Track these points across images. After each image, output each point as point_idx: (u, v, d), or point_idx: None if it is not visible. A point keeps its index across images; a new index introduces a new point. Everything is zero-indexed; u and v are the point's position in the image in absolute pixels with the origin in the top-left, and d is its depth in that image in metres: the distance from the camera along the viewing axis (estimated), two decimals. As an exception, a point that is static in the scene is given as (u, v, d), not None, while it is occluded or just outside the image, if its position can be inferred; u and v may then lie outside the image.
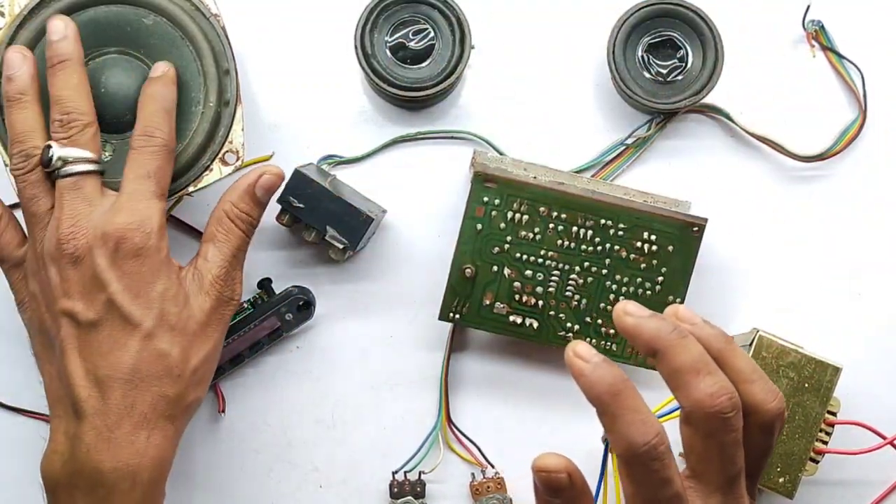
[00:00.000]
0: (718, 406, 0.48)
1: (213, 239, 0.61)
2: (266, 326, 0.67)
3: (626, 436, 0.47)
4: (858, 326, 0.70)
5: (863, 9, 0.71)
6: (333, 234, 0.65)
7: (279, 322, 0.67)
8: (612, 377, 0.48)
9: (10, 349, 0.69)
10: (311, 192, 0.65)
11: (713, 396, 0.48)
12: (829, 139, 0.70)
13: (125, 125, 0.64)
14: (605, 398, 0.47)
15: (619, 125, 0.71)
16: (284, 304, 0.67)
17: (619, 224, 0.65)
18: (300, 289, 0.68)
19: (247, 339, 0.67)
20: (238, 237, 0.62)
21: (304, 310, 0.68)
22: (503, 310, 0.66)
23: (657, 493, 0.47)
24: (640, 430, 0.47)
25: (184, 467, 0.69)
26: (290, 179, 0.65)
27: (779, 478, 0.63)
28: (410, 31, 0.68)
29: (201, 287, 0.60)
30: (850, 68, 0.70)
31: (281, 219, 0.66)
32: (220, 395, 0.69)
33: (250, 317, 0.67)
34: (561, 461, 0.49)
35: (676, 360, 0.49)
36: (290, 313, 0.68)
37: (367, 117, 0.71)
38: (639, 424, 0.47)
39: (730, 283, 0.70)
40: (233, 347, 0.67)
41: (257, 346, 0.68)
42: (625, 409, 0.47)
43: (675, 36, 0.68)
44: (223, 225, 0.61)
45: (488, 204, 0.65)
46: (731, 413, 0.48)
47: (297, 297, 0.67)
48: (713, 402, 0.48)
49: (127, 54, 0.64)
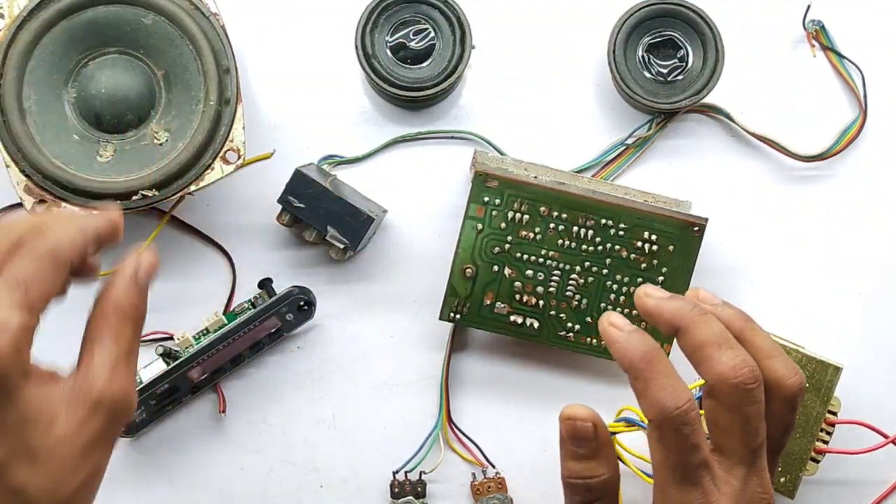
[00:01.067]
0: (741, 377, 0.49)
1: (97, 340, 0.50)
2: (266, 327, 0.67)
3: (659, 400, 0.49)
4: (858, 326, 0.70)
5: (863, 9, 0.71)
6: (334, 234, 0.65)
7: (280, 322, 0.67)
8: (645, 345, 0.50)
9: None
10: (312, 192, 0.65)
11: (735, 368, 0.49)
12: (829, 139, 0.70)
13: (125, 125, 0.64)
14: (638, 364, 0.49)
15: (619, 125, 0.71)
16: (285, 305, 0.67)
17: (620, 224, 0.65)
18: (301, 289, 0.67)
19: (247, 339, 0.67)
20: (130, 335, 0.50)
21: (304, 310, 0.67)
22: (504, 310, 0.66)
23: (687, 457, 0.49)
24: (672, 394, 0.49)
25: (184, 467, 0.68)
26: (291, 179, 0.65)
27: (780, 477, 0.63)
28: (411, 31, 0.68)
29: (85, 400, 0.48)
30: (851, 68, 0.70)
31: (281, 219, 0.66)
32: (221, 396, 0.69)
33: (251, 317, 0.66)
34: (588, 411, 0.51)
35: (698, 336, 0.50)
36: (291, 313, 0.67)
37: (367, 117, 0.71)
38: (671, 389, 0.49)
39: (730, 283, 0.70)
40: (233, 348, 0.67)
41: (258, 346, 0.68)
42: (657, 374, 0.49)
43: (675, 36, 0.68)
44: (109, 322, 0.50)
45: (489, 204, 0.65)
46: (754, 385, 0.49)
47: (297, 297, 0.67)
48: (736, 374, 0.49)
49: (127, 54, 0.64)
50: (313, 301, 0.68)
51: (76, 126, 0.64)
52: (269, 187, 0.69)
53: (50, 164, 0.62)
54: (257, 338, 0.67)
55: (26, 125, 0.62)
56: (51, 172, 0.62)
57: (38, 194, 0.62)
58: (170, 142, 0.63)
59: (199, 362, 0.66)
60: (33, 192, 0.62)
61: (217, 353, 0.66)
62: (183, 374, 0.66)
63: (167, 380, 0.65)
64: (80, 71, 0.64)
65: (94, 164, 0.63)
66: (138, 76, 0.64)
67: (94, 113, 0.64)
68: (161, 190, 0.63)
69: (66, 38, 0.63)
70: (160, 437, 0.69)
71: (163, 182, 0.62)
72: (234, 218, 0.70)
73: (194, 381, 0.67)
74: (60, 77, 0.63)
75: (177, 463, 0.68)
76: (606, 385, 0.69)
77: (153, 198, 0.63)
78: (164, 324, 0.68)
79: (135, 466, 0.68)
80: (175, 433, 0.69)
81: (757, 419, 0.50)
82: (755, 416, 0.50)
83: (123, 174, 0.63)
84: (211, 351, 0.66)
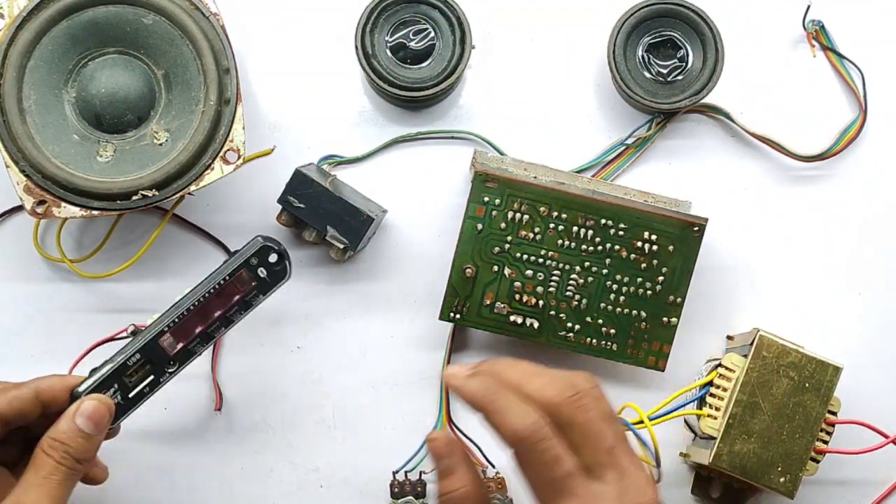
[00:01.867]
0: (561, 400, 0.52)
1: (35, 472, 0.54)
2: (238, 286, 0.61)
3: (510, 425, 0.51)
4: (858, 326, 0.70)
5: (863, 9, 0.71)
6: (334, 234, 0.65)
7: (253, 279, 0.61)
8: (484, 383, 0.53)
9: (10, 349, 0.69)
10: (312, 193, 0.65)
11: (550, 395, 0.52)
12: (829, 139, 0.70)
13: (125, 125, 0.64)
14: (483, 401, 0.52)
15: (619, 125, 0.71)
16: (254, 255, 0.61)
17: (620, 224, 0.65)
18: (265, 237, 0.61)
19: (220, 301, 0.61)
20: (61, 476, 0.55)
21: (277, 268, 0.61)
22: (503, 310, 0.66)
23: (552, 470, 0.51)
24: (521, 416, 0.51)
25: (184, 467, 0.68)
26: (291, 179, 0.65)
27: (779, 477, 0.63)
28: (411, 31, 0.68)
29: None
30: (851, 68, 0.70)
31: (281, 219, 0.66)
32: (218, 392, 0.68)
33: (218, 270, 0.61)
34: (443, 434, 0.55)
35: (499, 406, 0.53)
36: (263, 268, 0.61)
37: (367, 117, 0.71)
38: (519, 412, 0.51)
39: (730, 283, 0.70)
40: (205, 310, 0.61)
41: (232, 311, 0.62)
42: (503, 404, 0.52)
43: (675, 36, 0.68)
44: (43, 461, 0.55)
45: (489, 204, 0.65)
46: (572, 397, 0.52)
47: (266, 245, 0.61)
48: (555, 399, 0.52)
49: (127, 54, 0.64)
50: (283, 252, 0.62)
51: (76, 126, 0.64)
52: (269, 187, 0.69)
53: (50, 164, 0.62)
54: (231, 300, 0.61)
55: (26, 125, 0.62)
56: (51, 172, 0.62)
57: (39, 194, 0.62)
58: (170, 142, 0.63)
59: (169, 327, 0.61)
60: (33, 192, 0.62)
61: (188, 316, 0.61)
62: (154, 343, 0.61)
63: (137, 349, 0.60)
64: (80, 71, 0.64)
65: (94, 164, 0.63)
66: (138, 76, 0.64)
67: (94, 113, 0.64)
68: (161, 190, 0.63)
69: (66, 38, 0.63)
70: (160, 436, 0.69)
71: (163, 182, 0.62)
72: (234, 218, 0.70)
73: (169, 354, 0.61)
74: (60, 77, 0.63)
75: (177, 463, 0.68)
76: (606, 385, 0.68)
77: (153, 198, 0.63)
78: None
79: (134, 466, 0.68)
80: (175, 433, 0.69)
81: (596, 423, 0.52)
82: (591, 421, 0.51)
83: (123, 174, 0.63)
84: (180, 312, 0.61)
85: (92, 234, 0.69)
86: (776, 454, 0.63)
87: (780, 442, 0.63)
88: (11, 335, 0.69)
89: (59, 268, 0.69)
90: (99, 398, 0.57)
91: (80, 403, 0.57)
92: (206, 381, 0.69)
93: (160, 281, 0.69)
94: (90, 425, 0.56)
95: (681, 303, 0.66)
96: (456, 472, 0.53)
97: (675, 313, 0.66)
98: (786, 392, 0.63)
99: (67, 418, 0.56)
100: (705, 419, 0.64)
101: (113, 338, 0.67)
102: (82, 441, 0.56)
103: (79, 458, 0.55)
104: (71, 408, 0.56)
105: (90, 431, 0.56)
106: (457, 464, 0.53)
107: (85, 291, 0.69)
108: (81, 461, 0.55)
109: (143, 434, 0.69)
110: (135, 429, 0.68)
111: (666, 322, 0.66)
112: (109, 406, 0.58)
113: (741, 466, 0.63)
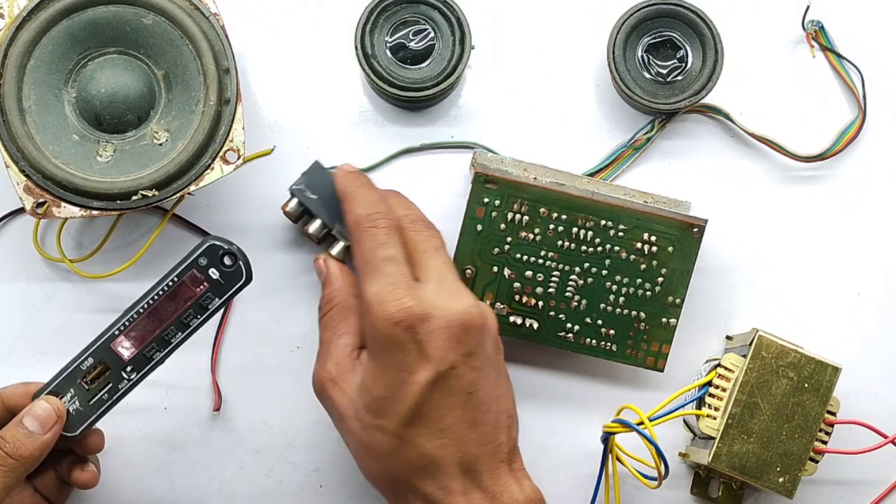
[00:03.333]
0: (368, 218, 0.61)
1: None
2: (191, 288, 0.60)
3: (353, 209, 0.61)
4: (858, 326, 0.70)
5: (862, 9, 0.71)
6: (340, 230, 0.65)
7: (205, 282, 0.59)
8: (357, 175, 0.63)
9: (10, 349, 0.69)
10: (327, 183, 0.65)
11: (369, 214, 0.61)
12: (828, 139, 0.70)
13: (125, 125, 0.64)
14: (347, 188, 0.62)
15: (619, 126, 0.71)
16: (202, 255, 0.59)
17: (619, 225, 0.65)
18: (218, 237, 0.60)
19: (173, 304, 0.60)
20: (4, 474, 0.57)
21: (230, 268, 0.60)
22: (503, 310, 0.66)
23: (374, 252, 0.58)
24: (366, 205, 0.60)
25: (185, 468, 0.69)
26: (309, 170, 0.65)
27: (778, 477, 0.64)
28: (410, 32, 0.68)
29: None
30: (850, 69, 0.70)
31: (286, 208, 0.66)
32: (217, 392, 0.68)
33: (168, 272, 0.60)
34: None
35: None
36: (215, 269, 0.59)
37: (367, 117, 0.71)
38: (365, 202, 0.61)
39: (730, 284, 0.70)
40: (157, 314, 0.60)
41: (188, 315, 0.60)
42: (358, 193, 0.61)
43: (675, 36, 0.68)
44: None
45: (488, 205, 0.65)
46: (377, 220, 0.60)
47: (214, 244, 0.59)
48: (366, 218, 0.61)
49: (127, 54, 0.64)
50: (235, 252, 0.60)
51: (76, 126, 0.64)
52: (269, 187, 0.69)
53: (50, 164, 0.62)
54: (185, 304, 0.60)
55: (26, 125, 0.62)
56: (51, 172, 0.62)
57: (38, 194, 0.62)
58: (170, 142, 0.63)
59: (120, 330, 0.60)
60: (33, 192, 0.62)
61: (139, 319, 0.60)
62: (106, 347, 0.60)
63: (89, 353, 0.60)
64: (80, 71, 0.64)
65: (94, 164, 0.63)
66: (138, 76, 0.64)
67: (94, 113, 0.64)
68: (161, 190, 0.63)
69: (66, 38, 0.63)
70: (160, 437, 0.69)
71: (163, 182, 0.62)
72: (234, 218, 0.70)
73: (125, 359, 0.61)
74: (60, 77, 0.63)
75: (178, 463, 0.69)
76: (606, 385, 0.69)
77: (153, 198, 0.63)
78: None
79: (134, 467, 0.69)
80: (175, 433, 0.69)
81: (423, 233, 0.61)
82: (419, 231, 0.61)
83: (123, 174, 0.63)
84: (131, 315, 0.60)
85: (92, 234, 0.69)
86: (775, 454, 0.63)
87: (779, 442, 0.63)
88: (11, 335, 0.69)
89: (59, 268, 0.69)
90: (47, 399, 0.59)
91: (30, 406, 0.59)
92: (206, 381, 0.69)
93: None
94: (34, 424, 0.58)
95: (680, 304, 0.66)
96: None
97: (674, 314, 0.66)
98: (785, 392, 0.64)
99: (15, 419, 0.58)
100: (704, 419, 0.64)
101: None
102: (23, 439, 0.58)
103: (14, 455, 0.57)
104: (31, 404, 0.59)
105: (32, 429, 0.58)
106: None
107: (85, 291, 0.69)
108: (17, 458, 0.57)
109: (144, 434, 0.69)
110: (135, 429, 0.69)
111: (665, 323, 0.66)
112: (57, 407, 0.59)
113: (740, 466, 0.63)
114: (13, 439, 0.57)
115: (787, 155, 0.70)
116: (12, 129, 0.62)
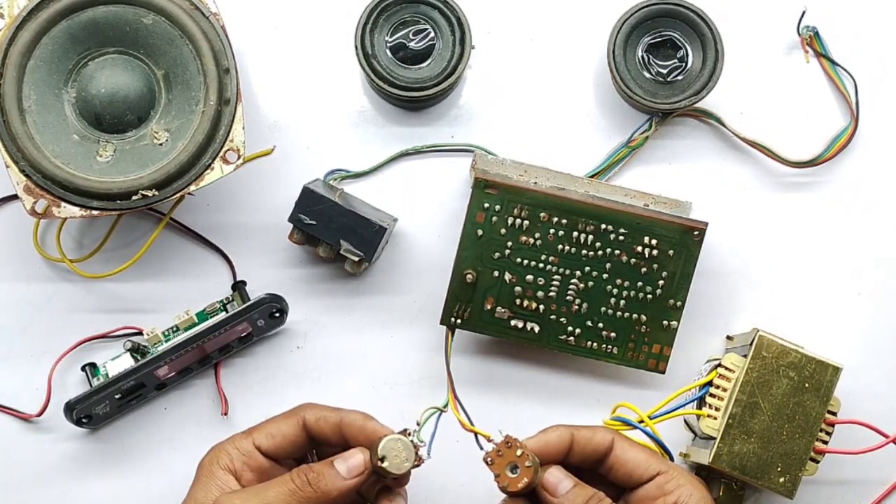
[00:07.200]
0: None
1: (279, 483, 0.58)
2: (237, 331, 0.67)
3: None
4: (858, 326, 0.70)
5: (857, 16, 0.71)
6: (348, 248, 0.65)
7: (250, 327, 0.67)
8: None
9: (11, 349, 0.69)
10: (322, 208, 0.65)
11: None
12: (820, 145, 0.70)
13: (125, 125, 0.64)
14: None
15: (619, 125, 0.71)
16: (257, 312, 0.66)
17: (620, 229, 0.65)
18: (273, 296, 0.66)
19: (217, 342, 0.66)
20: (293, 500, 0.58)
21: (276, 317, 0.67)
22: (504, 314, 0.66)
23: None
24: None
25: (186, 468, 0.68)
26: (300, 198, 0.65)
27: (779, 478, 0.64)
28: (411, 32, 0.68)
29: None
30: (844, 75, 0.70)
31: (293, 237, 0.66)
32: (223, 398, 0.68)
33: (222, 322, 0.66)
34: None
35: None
36: (262, 320, 0.67)
37: (367, 117, 0.71)
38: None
39: (730, 283, 0.70)
40: (202, 349, 0.66)
41: (226, 349, 0.67)
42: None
43: (675, 36, 0.68)
44: (285, 478, 0.58)
45: (489, 210, 0.65)
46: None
47: (270, 304, 0.66)
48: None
49: (127, 54, 0.64)
50: (285, 309, 0.67)
51: (76, 126, 0.64)
52: (269, 187, 0.69)
53: (50, 164, 0.62)
54: (227, 341, 0.67)
55: (26, 125, 0.62)
56: (51, 172, 0.62)
57: (38, 194, 0.62)
58: (170, 142, 0.63)
59: (166, 362, 0.65)
60: (33, 192, 0.62)
61: (186, 353, 0.65)
62: (150, 373, 0.65)
63: (133, 377, 0.65)
64: (80, 71, 0.64)
65: (94, 164, 0.63)
66: (138, 76, 0.64)
67: (94, 113, 0.64)
68: (161, 190, 0.62)
69: (66, 38, 0.63)
70: (161, 437, 0.69)
71: (163, 182, 0.62)
72: (234, 218, 0.70)
73: (161, 379, 0.67)
74: (60, 77, 0.63)
75: (179, 463, 0.68)
76: (606, 386, 0.69)
77: (153, 198, 0.62)
78: (164, 325, 0.68)
79: (135, 467, 0.68)
80: (176, 433, 0.69)
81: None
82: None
83: (123, 174, 0.63)
84: (180, 352, 0.65)
85: (92, 234, 0.69)
86: (776, 454, 0.63)
87: (779, 442, 0.63)
88: (11, 335, 0.69)
89: (59, 268, 0.69)
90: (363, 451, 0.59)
91: (353, 452, 0.58)
92: (206, 381, 0.69)
93: (160, 281, 0.69)
94: (343, 467, 0.58)
95: (681, 306, 0.66)
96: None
97: (675, 317, 0.66)
98: (785, 392, 0.64)
99: (330, 458, 0.58)
100: (705, 419, 0.64)
101: (106, 335, 0.67)
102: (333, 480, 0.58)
103: (313, 484, 0.57)
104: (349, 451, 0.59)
105: (341, 472, 0.58)
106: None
107: (85, 291, 0.69)
108: (315, 488, 0.57)
109: (144, 434, 0.69)
110: (135, 429, 0.69)
111: (666, 325, 0.66)
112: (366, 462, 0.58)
113: (741, 466, 0.63)
114: (318, 470, 0.58)
115: (778, 160, 0.69)
116: (12, 129, 0.62)
